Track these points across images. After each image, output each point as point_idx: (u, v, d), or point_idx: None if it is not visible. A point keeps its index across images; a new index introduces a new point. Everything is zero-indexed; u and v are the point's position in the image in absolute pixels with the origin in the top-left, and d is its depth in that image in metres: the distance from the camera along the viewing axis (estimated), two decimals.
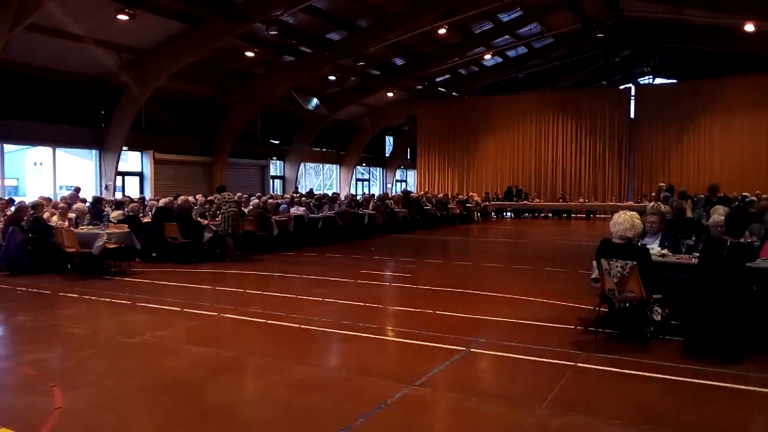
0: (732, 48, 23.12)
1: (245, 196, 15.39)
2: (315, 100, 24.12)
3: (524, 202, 25.53)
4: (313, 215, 14.53)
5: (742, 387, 4.39)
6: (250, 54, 18.97)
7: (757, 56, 23.42)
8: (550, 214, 25.12)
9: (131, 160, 20.32)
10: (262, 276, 9.86)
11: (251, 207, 13.25)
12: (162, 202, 11.93)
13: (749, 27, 19.58)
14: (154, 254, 11.29)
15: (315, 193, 20.50)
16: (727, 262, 4.84)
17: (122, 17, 14.18)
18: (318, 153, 29.26)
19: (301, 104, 23.49)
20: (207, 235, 11.35)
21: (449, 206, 21.87)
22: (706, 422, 3.76)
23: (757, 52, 22.78)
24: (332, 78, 23.48)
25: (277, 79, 21.34)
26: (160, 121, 20.23)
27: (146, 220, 11.97)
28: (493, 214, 25.42)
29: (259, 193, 17.77)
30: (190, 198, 13.37)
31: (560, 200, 25.51)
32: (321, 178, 31.87)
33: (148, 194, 18.76)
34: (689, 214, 10.65)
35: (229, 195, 11.74)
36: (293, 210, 14.10)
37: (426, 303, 7.39)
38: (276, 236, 12.67)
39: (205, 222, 11.58)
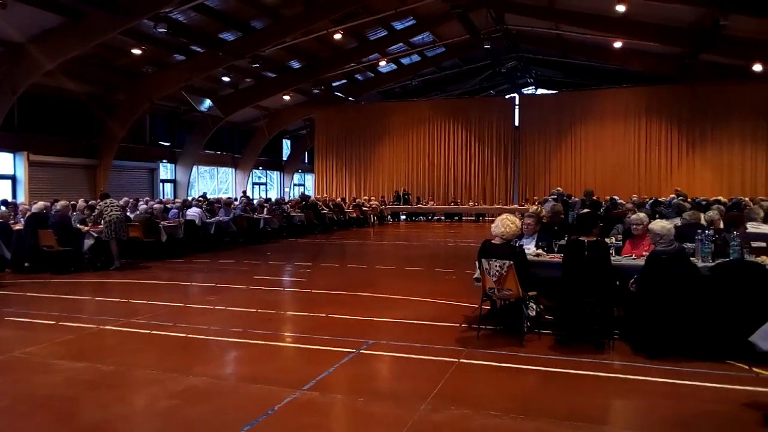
0: (604, 62, 25.22)
1: (131, 200, 14.62)
2: (208, 102, 23.38)
3: (418, 205, 26.25)
4: (205, 220, 14.09)
5: (606, 374, 4.81)
6: (137, 51, 18.08)
7: (626, 71, 25.74)
8: (443, 217, 26.04)
9: (2, 162, 18.65)
10: (149, 285, 9.43)
11: (138, 212, 12.63)
12: (36, 207, 11.02)
13: (618, 44, 21.49)
14: (26, 264, 10.44)
15: (209, 197, 19.90)
16: (589, 260, 5.30)
17: None
18: (212, 156, 28.39)
19: (193, 105, 22.69)
20: (88, 243, 10.66)
21: (346, 210, 22.03)
22: (573, 408, 4.08)
23: (626, 67, 25.04)
24: (226, 79, 22.93)
25: (167, 78, 20.48)
26: (36, 120, 18.75)
27: (18, 227, 11.03)
28: (389, 217, 25.91)
29: (146, 198, 16.96)
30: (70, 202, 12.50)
31: (452, 204, 26.53)
32: (216, 182, 30.92)
33: (21, 199, 17.29)
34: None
35: (112, 200, 11.12)
36: (190, 212, 13.61)
37: (319, 307, 7.43)
38: (165, 243, 12.16)
39: (86, 228, 10.88)
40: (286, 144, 34.90)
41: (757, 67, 20.13)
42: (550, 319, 6.14)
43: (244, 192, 23.26)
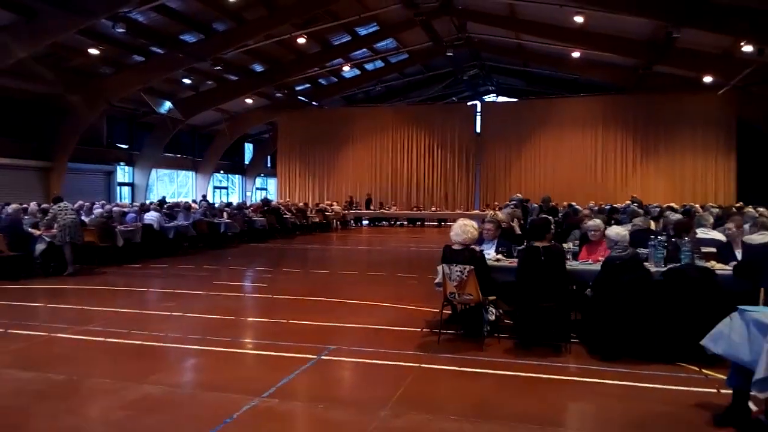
0: (563, 72, 25.84)
1: (87, 204, 14.22)
2: (168, 104, 22.96)
3: (381, 210, 26.31)
4: (164, 225, 13.79)
5: (563, 377, 4.91)
6: (94, 51, 17.64)
7: (583, 81, 26.42)
8: (405, 222, 26.14)
9: None
10: (104, 291, 9.18)
11: (93, 216, 12.28)
12: None
13: (576, 54, 22.03)
14: None
15: (168, 201, 19.51)
16: (545, 265, 5.41)
17: None
18: (172, 159, 27.87)
19: (153, 107, 22.24)
20: (40, 247, 10.31)
21: (309, 215, 21.91)
22: (530, 411, 4.14)
23: (583, 77, 25.70)
24: (187, 81, 22.59)
25: (125, 79, 20.02)
26: None
27: None
28: (352, 222, 25.87)
29: (103, 201, 16.52)
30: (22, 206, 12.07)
31: (414, 209, 26.67)
32: (175, 186, 30.34)
33: None
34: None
35: (65, 204, 10.78)
36: (148, 216, 13.31)
37: (280, 313, 7.37)
38: (121, 248, 11.85)
39: (38, 232, 10.51)
40: (249, 148, 34.52)
41: (708, 79, 20.95)
42: (509, 323, 6.24)
43: (204, 196, 22.89)
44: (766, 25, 14.25)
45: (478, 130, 27.48)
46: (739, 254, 6.05)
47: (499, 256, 6.28)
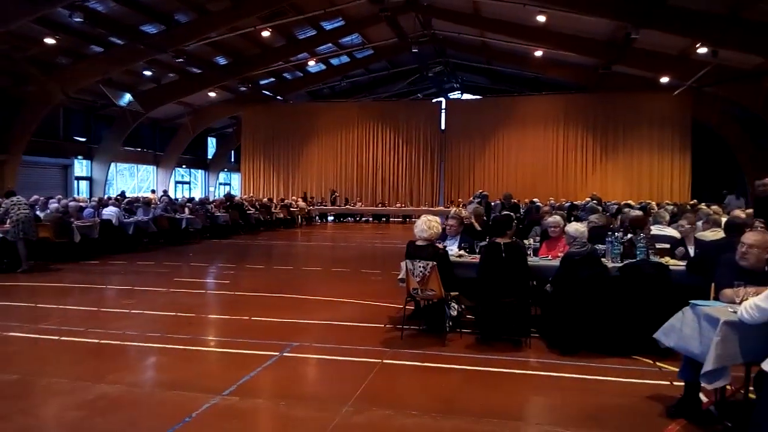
0: (525, 70, 26.20)
1: (42, 199, 13.78)
2: (128, 96, 22.40)
3: (346, 206, 26.27)
4: (123, 220, 13.48)
5: (523, 371, 4.99)
6: (50, 41, 17.05)
7: (545, 79, 26.85)
8: (371, 218, 26.17)
9: None
10: (60, 288, 8.93)
11: (49, 211, 11.91)
12: None
13: (538, 53, 22.37)
14: None
15: (127, 195, 19.08)
16: (506, 261, 5.49)
17: None
18: (132, 153, 27.25)
19: (112, 99, 21.67)
20: None
21: (273, 211, 21.71)
22: (491, 405, 4.20)
23: (545, 76, 26.12)
24: (148, 73, 22.07)
25: (83, 70, 19.42)
26: None
27: None
28: (317, 218, 25.76)
29: (59, 196, 16.02)
30: None
31: (379, 205, 26.72)
32: (136, 180, 29.67)
33: None
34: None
35: (18, 198, 10.43)
36: (106, 211, 12.97)
37: (242, 309, 7.29)
38: (78, 244, 11.53)
39: None
40: (212, 142, 33.99)
41: (664, 79, 21.55)
42: (471, 318, 6.31)
43: (165, 191, 22.43)
44: (720, 28, 14.73)
45: (442, 126, 27.69)
46: (692, 250, 6.26)
47: (462, 252, 6.35)
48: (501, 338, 5.75)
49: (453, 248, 6.43)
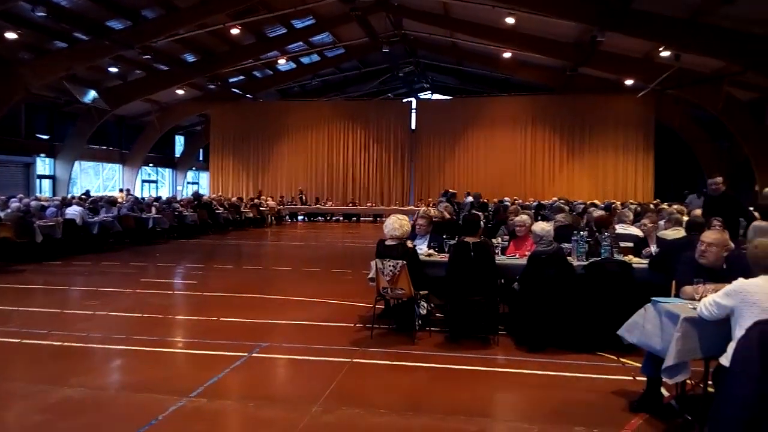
0: (495, 71, 26.49)
1: (2, 197, 13.39)
2: (93, 93, 21.88)
3: (317, 206, 26.17)
4: (87, 219, 13.18)
5: (491, 369, 5.07)
6: (12, 36, 16.55)
7: (514, 80, 27.19)
8: (341, 218, 26.12)
9: None
10: (21, 289, 8.69)
11: (9, 210, 11.58)
12: None
13: (507, 54, 22.63)
14: None
15: (92, 195, 18.65)
16: (475, 260, 5.55)
17: None
18: (97, 151, 26.64)
19: (76, 96, 21.15)
20: None
21: (242, 210, 21.50)
22: (459, 403, 4.25)
23: (514, 77, 26.45)
24: (114, 70, 21.60)
25: (46, 66, 18.88)
26: None
27: None
28: (287, 217, 25.60)
29: (20, 195, 15.58)
30: None
31: (350, 204, 26.69)
32: (101, 179, 29.03)
33: None
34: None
35: None
36: (69, 211, 12.66)
37: (210, 310, 7.21)
38: (41, 244, 11.23)
39: None
40: (180, 140, 33.46)
41: (629, 81, 22.04)
42: (441, 317, 6.36)
43: (128, 190, 21.98)
44: (682, 33, 15.12)
45: (413, 126, 27.78)
46: (654, 249, 6.42)
47: (431, 251, 6.39)
48: (470, 336, 5.80)
49: (422, 247, 6.47)
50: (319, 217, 26.15)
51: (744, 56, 14.88)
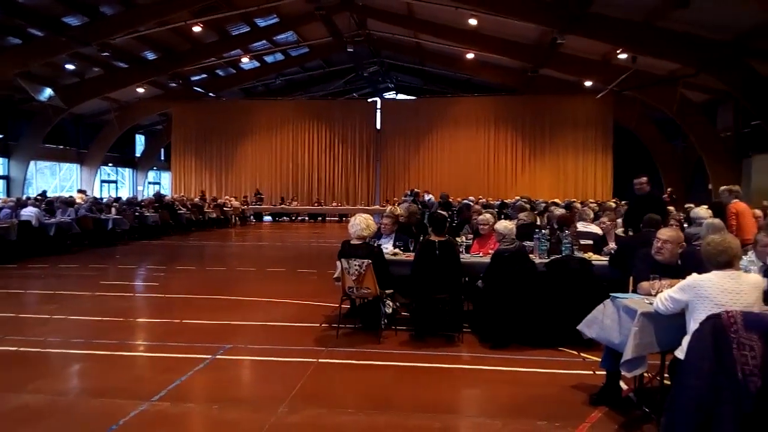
0: (457, 72, 26.76)
1: None
2: (49, 91, 21.22)
3: (282, 206, 25.97)
4: (44, 221, 12.78)
5: (455, 366, 5.12)
6: None
7: (476, 81, 27.52)
8: (307, 218, 25.98)
9: None
10: None
11: None
12: None
13: (470, 55, 22.88)
14: None
15: (48, 195, 18.10)
16: (440, 259, 5.61)
17: None
18: (53, 150, 25.86)
19: (31, 94, 20.48)
20: None
21: (206, 210, 21.18)
22: (424, 400, 4.28)
23: (478, 78, 26.77)
24: (70, 67, 21.01)
25: None
26: None
27: None
28: (251, 217, 25.33)
29: None
30: None
31: (315, 204, 26.58)
32: (58, 179, 28.19)
33: None
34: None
35: None
36: (25, 212, 12.25)
37: (173, 312, 7.09)
38: None
39: None
40: (140, 139, 32.76)
41: (588, 83, 22.56)
42: (406, 315, 6.40)
43: (83, 191, 21.36)
44: (638, 36, 15.56)
45: (378, 126, 27.83)
46: (613, 246, 6.58)
47: (397, 251, 6.42)
48: (435, 334, 5.86)
49: (388, 246, 6.50)
50: (284, 217, 25.97)
51: (696, 59, 15.41)
